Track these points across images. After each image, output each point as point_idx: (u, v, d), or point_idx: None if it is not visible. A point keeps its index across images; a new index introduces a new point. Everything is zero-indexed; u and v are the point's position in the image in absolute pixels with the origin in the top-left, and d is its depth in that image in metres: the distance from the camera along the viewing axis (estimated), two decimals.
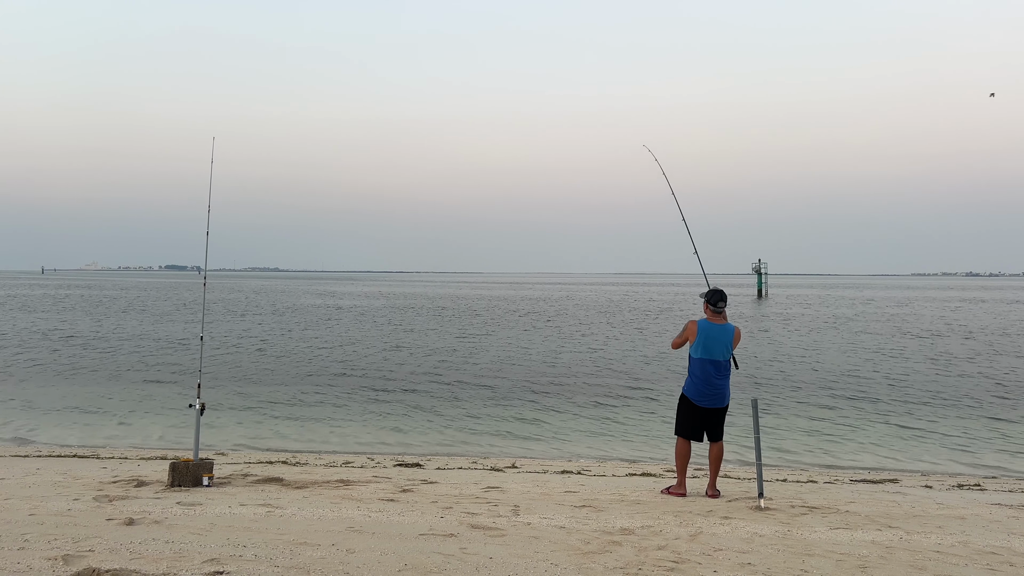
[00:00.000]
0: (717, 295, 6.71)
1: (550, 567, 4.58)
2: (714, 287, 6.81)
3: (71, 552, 4.64)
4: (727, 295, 6.84)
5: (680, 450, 6.81)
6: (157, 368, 20.20)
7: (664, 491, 6.95)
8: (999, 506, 6.67)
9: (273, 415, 13.94)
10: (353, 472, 8.25)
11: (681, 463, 6.83)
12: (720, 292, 6.74)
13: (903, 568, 4.68)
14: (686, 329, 6.68)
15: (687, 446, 6.80)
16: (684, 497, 6.73)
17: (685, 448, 6.79)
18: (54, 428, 12.66)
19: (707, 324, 6.62)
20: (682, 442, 6.80)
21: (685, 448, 6.79)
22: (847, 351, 25.34)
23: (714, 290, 6.76)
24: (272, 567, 4.46)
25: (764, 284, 75.97)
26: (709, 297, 6.72)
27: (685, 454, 6.80)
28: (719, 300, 6.69)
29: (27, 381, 17.74)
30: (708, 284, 7.53)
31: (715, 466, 6.83)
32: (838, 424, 13.34)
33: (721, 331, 6.62)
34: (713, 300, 6.69)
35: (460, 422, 13.44)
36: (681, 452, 6.80)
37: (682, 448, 6.80)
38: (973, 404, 15.31)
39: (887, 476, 9.13)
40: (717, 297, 6.70)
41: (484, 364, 21.64)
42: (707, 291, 6.78)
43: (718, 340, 6.59)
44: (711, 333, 6.59)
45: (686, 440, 6.78)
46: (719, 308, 6.68)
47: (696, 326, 6.62)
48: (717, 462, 6.81)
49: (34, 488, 6.80)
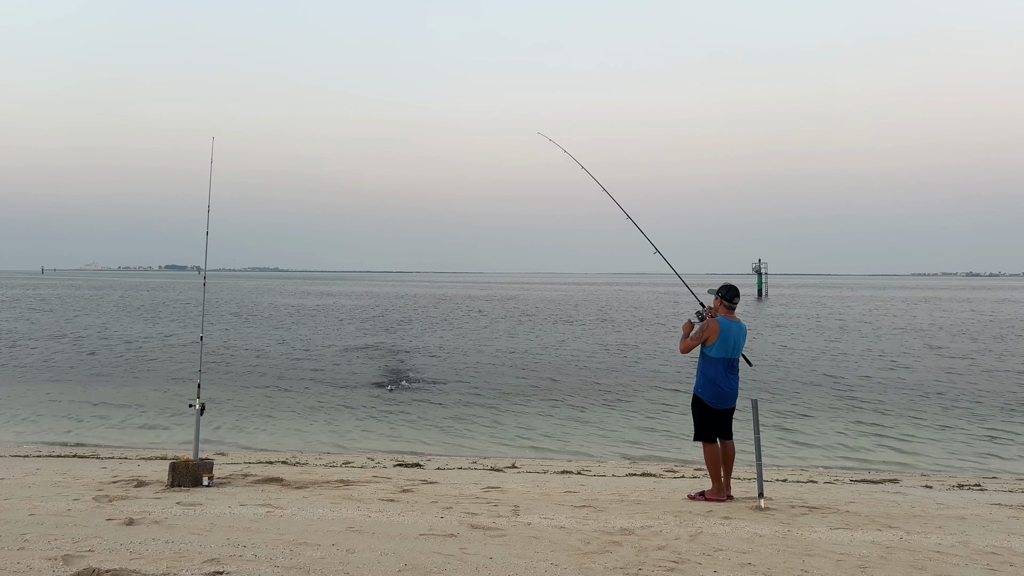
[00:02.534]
0: (733, 291, 6.52)
1: (550, 567, 4.57)
2: (727, 283, 6.60)
3: (71, 552, 4.64)
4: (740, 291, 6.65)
5: (711, 456, 6.49)
6: (157, 368, 20.20)
7: (697, 496, 6.61)
8: (999, 506, 6.66)
9: (273, 415, 13.94)
10: (353, 472, 8.25)
11: (716, 468, 6.50)
12: (735, 288, 6.55)
13: (903, 568, 4.67)
14: (708, 328, 6.38)
15: (717, 449, 6.50)
16: (731, 500, 6.49)
17: (715, 452, 6.49)
18: (54, 428, 12.67)
19: (727, 322, 6.43)
20: (710, 446, 6.49)
21: (715, 452, 6.49)
22: (847, 351, 25.34)
23: (729, 285, 6.56)
24: (272, 567, 4.45)
25: (764, 284, 75.97)
26: (725, 293, 6.51)
27: (718, 458, 6.49)
28: (735, 296, 6.50)
29: (27, 381, 17.74)
30: (686, 283, 7.45)
31: (730, 466, 6.59)
32: (838, 424, 13.34)
33: (738, 328, 6.47)
34: (729, 296, 6.49)
35: (460, 422, 13.44)
36: (713, 457, 6.48)
37: (713, 453, 6.49)
38: (973, 404, 15.31)
39: (887, 476, 9.13)
40: (733, 293, 6.51)
41: (484, 364, 21.64)
42: (721, 287, 6.55)
43: (736, 338, 6.44)
44: (730, 331, 6.41)
45: (713, 443, 6.50)
46: (734, 304, 6.50)
47: (717, 324, 6.37)
48: (731, 461, 6.59)
49: (34, 488, 6.79)
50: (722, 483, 6.54)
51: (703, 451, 6.58)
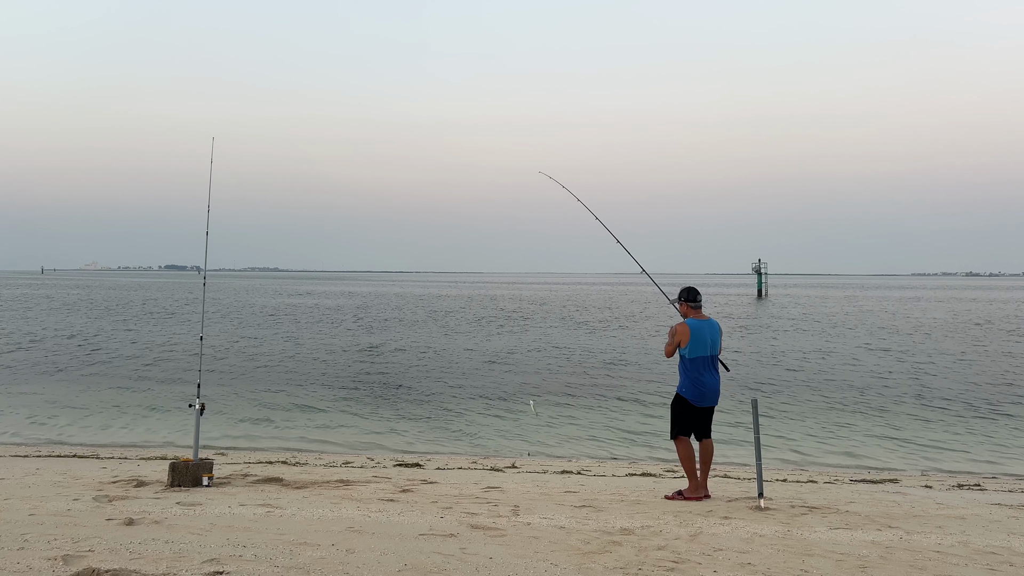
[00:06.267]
0: (693, 292, 6.93)
1: (550, 567, 4.58)
2: (686, 285, 6.99)
3: (71, 552, 4.64)
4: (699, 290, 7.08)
5: (686, 452, 6.71)
6: (157, 368, 20.20)
7: (675, 496, 6.72)
8: (999, 506, 6.67)
9: (273, 415, 13.94)
10: (353, 472, 8.25)
11: (690, 465, 6.71)
12: (694, 289, 6.98)
13: (903, 568, 4.67)
14: (676, 333, 6.69)
15: (691, 446, 6.75)
16: (709, 500, 6.61)
17: (690, 449, 6.73)
18: (54, 428, 12.67)
19: (696, 322, 6.72)
20: (685, 442, 6.73)
21: (690, 449, 6.73)
22: (847, 351, 25.34)
23: (688, 288, 6.96)
24: (272, 567, 4.45)
25: (764, 284, 76.00)
26: (686, 296, 6.88)
27: (692, 455, 6.73)
28: (696, 296, 6.90)
29: (26, 381, 17.74)
30: (659, 287, 7.72)
31: (708, 465, 6.79)
32: (838, 424, 13.34)
33: (708, 326, 6.75)
34: (691, 297, 6.88)
35: (460, 422, 13.44)
36: (688, 454, 6.71)
37: (688, 450, 6.72)
38: (973, 404, 15.31)
39: (887, 476, 9.13)
40: (694, 293, 6.91)
41: (484, 364, 21.64)
42: (681, 291, 6.93)
43: (710, 335, 6.70)
44: (702, 330, 6.69)
45: (687, 440, 6.74)
46: (698, 303, 6.87)
47: (686, 327, 6.67)
48: (710, 460, 6.78)
49: (34, 488, 6.79)
50: (699, 481, 6.74)
51: (677, 449, 6.78)
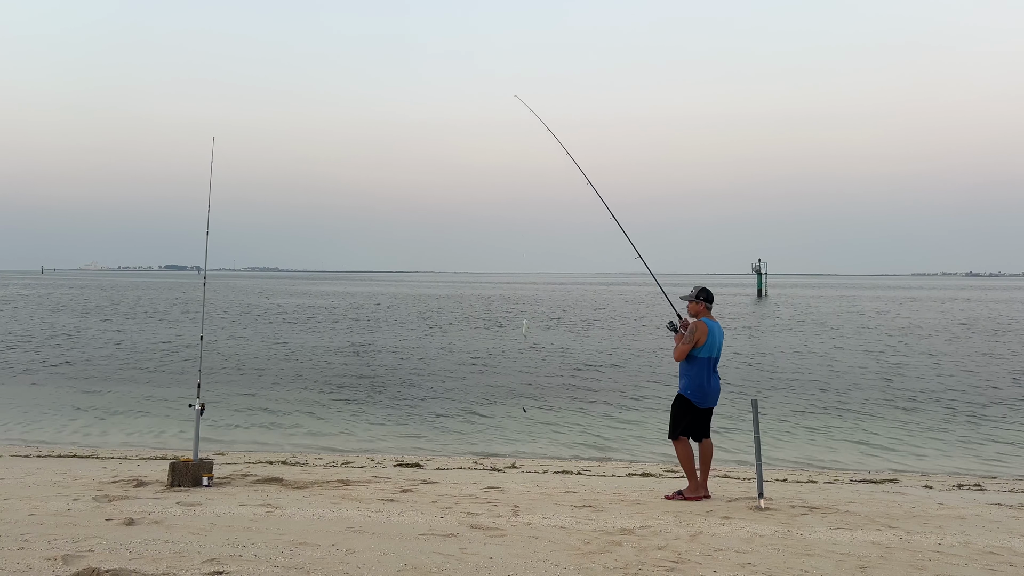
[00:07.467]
0: (711, 293, 6.95)
1: (550, 567, 4.58)
2: (701, 286, 6.98)
3: (71, 552, 4.64)
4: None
5: (686, 452, 6.70)
6: (156, 368, 20.20)
7: (675, 496, 6.71)
8: (999, 506, 6.67)
9: (273, 415, 13.94)
10: (353, 472, 8.25)
11: (691, 465, 6.70)
12: (710, 290, 6.98)
13: (903, 568, 4.67)
14: (698, 331, 6.62)
15: (690, 446, 6.73)
16: (709, 500, 6.60)
17: (689, 449, 6.72)
18: (53, 428, 12.67)
19: (711, 323, 6.74)
20: (685, 442, 6.71)
21: (689, 449, 6.72)
22: (846, 351, 25.34)
23: (705, 288, 6.96)
24: (272, 567, 4.45)
25: (764, 284, 75.97)
26: (705, 296, 6.87)
27: (691, 455, 6.72)
28: (712, 297, 6.93)
29: (26, 381, 17.74)
30: (659, 285, 7.67)
31: (707, 465, 6.77)
32: (838, 424, 13.34)
33: (719, 328, 6.81)
34: (710, 298, 6.89)
35: (460, 422, 13.44)
36: (688, 454, 6.70)
37: (687, 450, 6.71)
38: (973, 404, 15.31)
39: (887, 476, 9.12)
40: (711, 294, 6.94)
41: (484, 364, 21.64)
42: (699, 290, 6.88)
43: (717, 337, 6.74)
44: (714, 331, 6.72)
45: (687, 440, 6.72)
46: (711, 305, 6.89)
47: (706, 326, 6.66)
48: (709, 460, 6.77)
49: (34, 488, 6.79)
50: (698, 480, 6.74)
51: (676, 449, 6.79)
